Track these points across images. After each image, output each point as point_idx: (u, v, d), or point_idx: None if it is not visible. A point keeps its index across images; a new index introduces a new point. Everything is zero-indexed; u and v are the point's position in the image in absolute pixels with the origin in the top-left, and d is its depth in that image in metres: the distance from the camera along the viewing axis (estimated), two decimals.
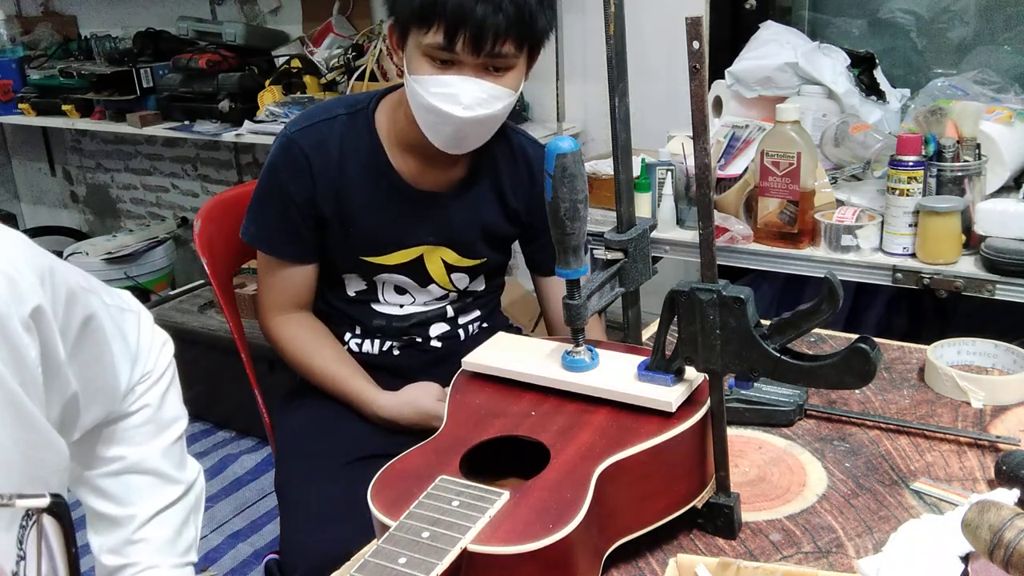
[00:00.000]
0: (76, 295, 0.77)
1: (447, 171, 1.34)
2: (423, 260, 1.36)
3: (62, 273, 0.76)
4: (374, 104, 1.33)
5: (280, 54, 3.03)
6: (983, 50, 2.18)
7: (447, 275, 1.38)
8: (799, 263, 1.73)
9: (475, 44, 1.16)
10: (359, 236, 1.33)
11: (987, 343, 1.04)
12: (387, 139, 1.32)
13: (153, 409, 0.91)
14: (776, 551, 0.74)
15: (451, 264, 1.38)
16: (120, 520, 0.88)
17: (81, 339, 0.78)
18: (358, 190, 1.31)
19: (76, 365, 0.77)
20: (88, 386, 0.79)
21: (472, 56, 1.17)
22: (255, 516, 2.32)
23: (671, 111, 2.37)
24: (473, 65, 1.19)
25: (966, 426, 0.92)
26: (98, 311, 0.81)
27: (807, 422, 0.95)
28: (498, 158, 1.37)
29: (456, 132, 1.23)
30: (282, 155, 1.30)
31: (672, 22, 2.43)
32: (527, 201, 1.40)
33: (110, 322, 0.84)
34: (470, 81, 1.19)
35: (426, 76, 1.19)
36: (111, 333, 0.84)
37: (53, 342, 0.72)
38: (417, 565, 0.54)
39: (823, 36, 2.27)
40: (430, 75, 1.19)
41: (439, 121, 1.22)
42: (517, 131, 1.41)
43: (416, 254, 1.35)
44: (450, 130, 1.23)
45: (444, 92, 1.19)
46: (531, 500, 0.63)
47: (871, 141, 1.81)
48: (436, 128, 1.24)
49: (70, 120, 3.23)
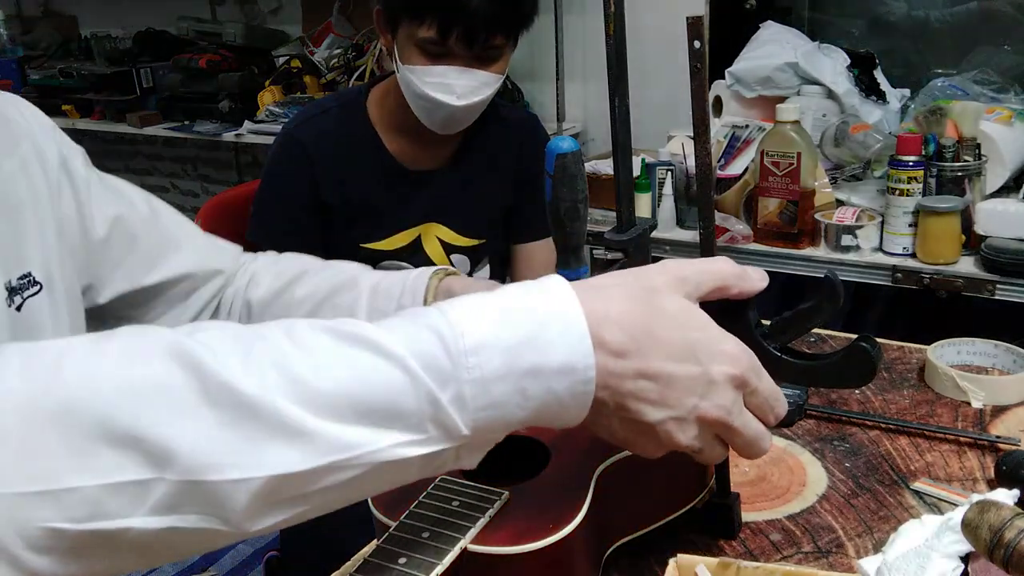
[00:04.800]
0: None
1: (439, 149, 1.40)
2: (421, 242, 1.39)
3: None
4: (364, 95, 1.39)
5: (280, 54, 3.03)
6: (983, 50, 2.18)
7: (446, 256, 1.41)
8: (799, 263, 1.73)
9: (468, 38, 1.20)
10: (360, 221, 1.36)
11: (987, 343, 1.04)
12: (380, 125, 1.37)
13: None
14: (776, 551, 0.74)
15: (448, 243, 1.41)
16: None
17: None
18: (357, 175, 1.35)
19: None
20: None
21: (465, 49, 1.21)
22: None
23: (671, 111, 2.37)
24: (465, 57, 1.23)
25: (966, 426, 0.92)
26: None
27: (807, 422, 0.95)
28: (487, 129, 1.41)
29: (449, 117, 1.29)
30: (282, 151, 1.34)
31: (672, 22, 2.43)
32: (516, 162, 1.44)
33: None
34: (462, 72, 1.24)
35: (419, 67, 1.23)
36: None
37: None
38: (417, 565, 0.54)
39: (823, 36, 2.27)
40: (422, 66, 1.23)
41: (432, 108, 1.28)
42: (501, 103, 1.47)
43: (414, 235, 1.39)
44: (443, 115, 1.29)
45: (437, 82, 1.24)
46: (531, 500, 0.63)
47: (871, 141, 1.82)
48: (429, 113, 1.29)
49: (70, 120, 3.23)
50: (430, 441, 0.46)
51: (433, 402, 0.46)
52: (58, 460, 0.41)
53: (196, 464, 0.42)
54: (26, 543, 0.41)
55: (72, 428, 0.42)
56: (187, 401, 0.43)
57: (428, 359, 0.46)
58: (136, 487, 0.42)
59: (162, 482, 0.42)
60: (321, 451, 0.44)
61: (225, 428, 0.43)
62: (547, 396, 0.48)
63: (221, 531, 0.44)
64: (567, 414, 0.50)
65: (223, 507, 0.43)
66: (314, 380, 0.45)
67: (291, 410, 0.44)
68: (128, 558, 0.44)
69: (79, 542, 0.42)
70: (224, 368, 0.44)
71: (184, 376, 0.43)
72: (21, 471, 0.41)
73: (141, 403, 0.43)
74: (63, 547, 0.42)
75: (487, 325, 0.48)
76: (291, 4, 3.23)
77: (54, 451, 0.41)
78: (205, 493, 0.43)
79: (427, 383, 0.46)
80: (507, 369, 0.47)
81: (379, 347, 0.46)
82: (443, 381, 0.46)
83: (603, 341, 0.50)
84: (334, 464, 0.45)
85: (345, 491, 0.47)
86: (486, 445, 0.50)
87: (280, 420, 0.44)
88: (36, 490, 0.41)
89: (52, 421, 0.41)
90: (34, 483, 0.41)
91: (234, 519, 0.44)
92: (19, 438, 0.41)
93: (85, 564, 0.43)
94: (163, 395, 0.43)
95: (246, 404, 0.43)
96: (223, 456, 0.43)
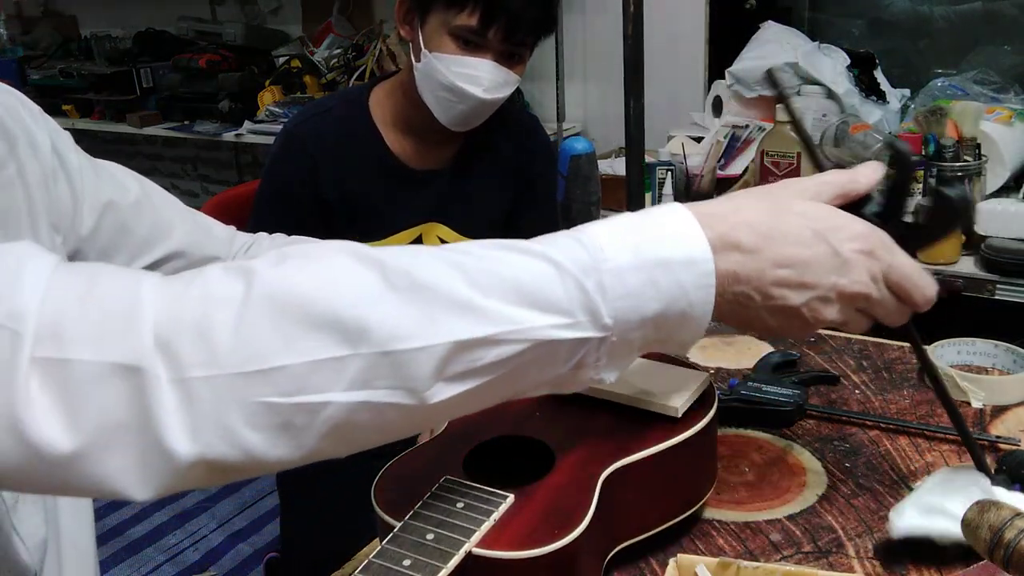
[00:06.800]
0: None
1: (442, 149, 1.39)
2: (422, 241, 1.39)
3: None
4: (367, 94, 1.38)
5: (280, 54, 3.03)
6: (983, 50, 2.19)
7: None
8: None
9: (508, 32, 1.20)
10: (361, 219, 1.35)
11: (987, 343, 1.04)
12: (382, 124, 1.37)
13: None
14: (776, 551, 0.74)
15: (449, 243, 1.40)
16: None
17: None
18: (358, 173, 1.35)
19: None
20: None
21: (502, 43, 1.22)
22: (256, 515, 2.32)
23: (671, 111, 2.38)
24: (498, 51, 1.24)
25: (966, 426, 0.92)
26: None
27: (807, 422, 0.95)
28: (489, 130, 1.41)
29: (470, 111, 1.29)
30: (283, 149, 1.34)
31: (672, 22, 2.44)
32: (517, 163, 1.44)
33: None
34: (493, 66, 1.25)
35: (448, 55, 1.22)
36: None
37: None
38: (422, 568, 0.54)
39: (823, 36, 2.27)
40: (453, 55, 1.22)
41: (455, 100, 1.27)
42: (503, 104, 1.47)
43: (415, 235, 1.39)
44: (465, 108, 1.28)
45: (467, 72, 1.23)
46: (536, 503, 0.63)
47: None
48: (449, 106, 1.28)
49: (70, 120, 3.23)
50: (580, 326, 0.52)
51: (580, 288, 0.52)
52: (267, 343, 0.47)
53: (385, 336, 0.48)
54: (244, 419, 0.47)
55: (277, 315, 0.48)
56: (374, 287, 0.49)
57: (570, 254, 0.53)
58: (335, 363, 0.48)
59: (357, 357, 0.48)
60: (491, 322, 0.50)
61: (408, 306, 0.49)
62: (675, 289, 0.53)
63: (408, 406, 0.50)
64: (693, 313, 0.55)
65: (410, 376, 0.49)
66: (477, 271, 0.51)
67: (463, 290, 0.50)
68: (326, 440, 0.49)
69: (287, 416, 0.48)
70: (400, 261, 0.51)
71: (366, 269, 0.50)
72: (237, 355, 0.47)
73: (335, 291, 0.49)
74: (274, 423, 0.47)
75: (615, 230, 0.55)
76: (291, 4, 3.23)
77: (263, 336, 0.47)
78: (394, 363, 0.48)
79: (573, 272, 0.52)
80: (638, 261, 0.53)
81: (526, 249, 0.53)
82: (585, 271, 0.52)
83: (737, 242, 0.56)
84: (501, 335, 0.50)
85: (509, 373, 0.52)
86: (624, 350, 0.54)
87: (455, 298, 0.50)
88: (251, 370, 0.47)
89: (260, 312, 0.47)
90: (248, 364, 0.47)
91: (419, 388, 0.49)
92: (232, 328, 0.47)
93: (292, 442, 0.48)
94: (353, 284, 0.49)
95: (424, 286, 0.50)
96: (408, 329, 0.49)
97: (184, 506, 2.35)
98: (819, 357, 1.08)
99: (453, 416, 0.59)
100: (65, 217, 0.77)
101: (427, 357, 0.49)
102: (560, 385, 0.55)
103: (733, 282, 0.56)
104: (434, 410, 0.51)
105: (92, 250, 0.81)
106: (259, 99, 2.84)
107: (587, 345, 0.53)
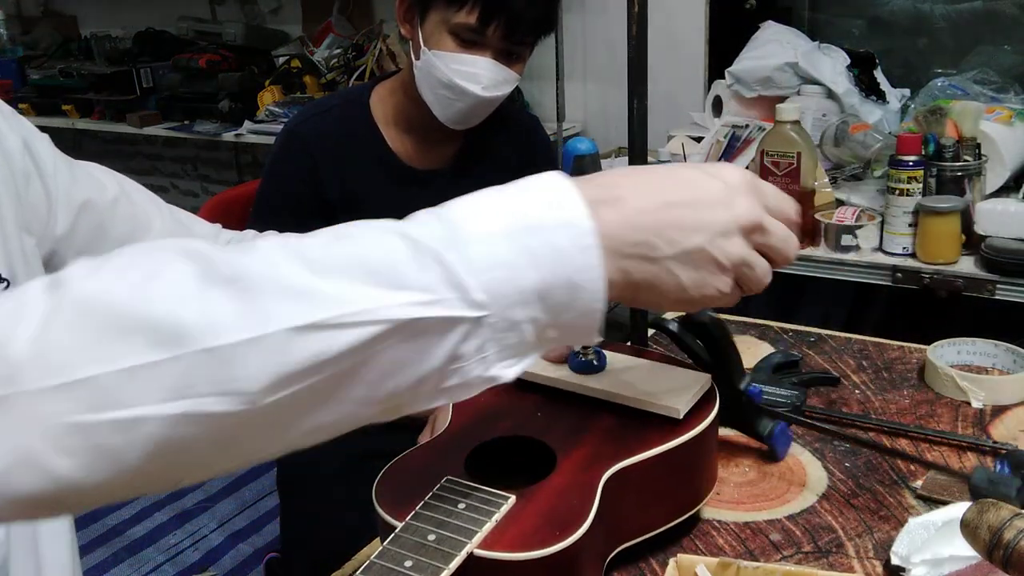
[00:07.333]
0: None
1: (443, 149, 1.40)
2: None
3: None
4: (368, 93, 1.38)
5: (280, 54, 3.03)
6: (983, 50, 2.19)
7: None
8: (799, 263, 1.73)
9: (508, 30, 1.21)
10: (361, 218, 1.35)
11: (987, 343, 1.04)
12: (383, 123, 1.37)
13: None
14: (776, 551, 0.74)
15: None
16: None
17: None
18: (359, 173, 1.35)
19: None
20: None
21: (501, 41, 1.22)
22: (256, 515, 2.32)
23: (671, 111, 2.37)
24: (497, 49, 1.24)
25: (966, 426, 0.92)
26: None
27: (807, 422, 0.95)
28: (489, 130, 1.41)
29: (469, 109, 1.29)
30: (284, 148, 1.34)
31: (672, 22, 2.44)
32: (517, 163, 1.44)
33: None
34: (491, 64, 1.25)
35: (447, 52, 1.23)
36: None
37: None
38: (423, 569, 0.54)
39: (823, 36, 2.27)
40: (452, 52, 1.23)
41: (454, 97, 1.27)
42: (503, 104, 1.47)
43: None
44: (464, 106, 1.28)
45: (466, 70, 1.24)
46: (537, 505, 0.63)
47: (871, 141, 1.82)
48: (448, 104, 1.29)
49: (70, 120, 3.23)
50: (445, 304, 0.46)
51: (439, 261, 0.47)
52: (70, 353, 0.42)
53: (203, 332, 0.43)
54: (52, 443, 0.42)
55: (82, 322, 0.43)
56: (191, 282, 0.44)
57: (427, 229, 0.49)
58: (148, 370, 0.42)
59: (173, 361, 0.42)
60: (331, 304, 0.44)
61: (231, 299, 0.44)
62: (552, 253, 0.48)
63: (238, 413, 0.43)
64: (581, 280, 0.49)
65: (237, 376, 0.43)
66: (319, 256, 0.46)
67: (300, 274, 0.45)
68: (154, 461, 0.44)
69: (100, 437, 0.42)
70: (230, 256, 0.46)
71: (190, 265, 0.45)
72: (37, 368, 0.42)
73: (148, 291, 0.44)
74: (86, 445, 0.42)
75: (479, 201, 0.51)
76: (291, 4, 3.23)
77: (65, 345, 0.42)
78: (218, 362, 0.43)
79: (431, 246, 0.47)
80: (506, 228, 0.48)
81: (378, 227, 0.49)
82: (445, 244, 0.47)
83: (618, 196, 0.53)
84: (344, 317, 0.44)
85: (367, 364, 0.46)
86: (512, 337, 0.49)
87: (289, 284, 0.45)
88: (53, 384, 0.42)
89: (64, 321, 0.43)
90: (50, 377, 0.42)
91: (248, 389, 0.43)
92: (31, 339, 0.42)
93: (111, 467, 0.43)
94: (168, 281, 0.44)
95: (253, 276, 0.45)
96: (231, 321, 0.43)
97: (184, 506, 2.35)
98: (819, 357, 1.09)
99: (314, 424, 0.47)
100: (39, 218, 0.76)
101: (257, 351, 0.43)
102: (442, 385, 0.49)
103: (629, 231, 0.52)
104: (275, 414, 0.45)
105: (69, 250, 0.80)
106: (259, 99, 2.84)
107: (459, 328, 0.47)
